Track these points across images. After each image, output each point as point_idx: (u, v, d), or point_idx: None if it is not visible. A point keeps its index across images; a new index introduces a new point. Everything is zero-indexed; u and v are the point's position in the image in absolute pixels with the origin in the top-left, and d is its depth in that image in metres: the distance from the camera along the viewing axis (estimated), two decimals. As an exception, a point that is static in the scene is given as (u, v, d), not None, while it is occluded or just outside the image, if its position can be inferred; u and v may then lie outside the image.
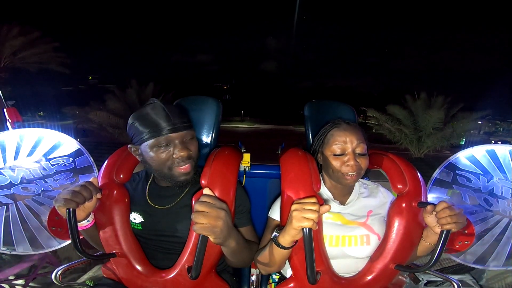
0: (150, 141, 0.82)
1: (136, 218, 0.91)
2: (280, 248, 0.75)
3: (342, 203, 0.94)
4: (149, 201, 0.91)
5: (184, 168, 0.84)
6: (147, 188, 0.95)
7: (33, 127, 1.36)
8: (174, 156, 0.83)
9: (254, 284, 1.14)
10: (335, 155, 0.88)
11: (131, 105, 10.19)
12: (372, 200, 0.95)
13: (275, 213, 0.93)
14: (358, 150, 0.87)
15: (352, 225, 0.89)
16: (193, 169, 0.87)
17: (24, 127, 1.55)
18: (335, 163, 0.88)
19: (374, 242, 0.88)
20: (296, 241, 0.75)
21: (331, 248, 0.86)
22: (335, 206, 0.92)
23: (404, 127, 9.71)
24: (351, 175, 0.86)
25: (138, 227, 0.91)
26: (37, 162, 1.31)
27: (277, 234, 0.76)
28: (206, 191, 0.77)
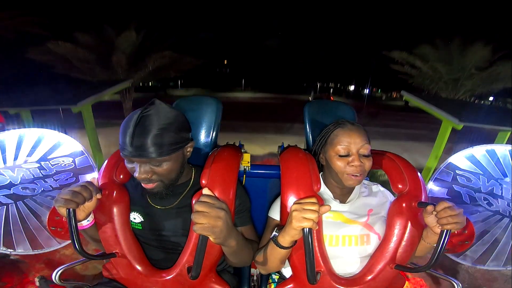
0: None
1: (136, 218, 0.91)
2: (280, 248, 0.75)
3: (343, 201, 0.94)
4: (149, 201, 0.91)
5: (148, 186, 0.81)
6: None
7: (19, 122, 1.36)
8: (135, 175, 0.79)
9: (254, 284, 1.14)
10: (339, 155, 0.88)
11: (107, 42, 8.59)
12: (372, 199, 0.95)
13: (275, 213, 0.93)
14: (362, 151, 0.87)
15: (353, 224, 0.89)
16: (163, 187, 0.83)
17: (6, 129, 1.52)
18: (340, 163, 0.87)
19: (374, 242, 0.88)
20: (296, 241, 0.75)
21: (331, 248, 0.86)
22: (335, 204, 0.92)
23: (440, 65, 8.42)
24: (355, 176, 0.86)
25: (138, 227, 0.91)
26: (37, 162, 1.31)
27: (276, 234, 0.76)
28: (205, 191, 0.77)
